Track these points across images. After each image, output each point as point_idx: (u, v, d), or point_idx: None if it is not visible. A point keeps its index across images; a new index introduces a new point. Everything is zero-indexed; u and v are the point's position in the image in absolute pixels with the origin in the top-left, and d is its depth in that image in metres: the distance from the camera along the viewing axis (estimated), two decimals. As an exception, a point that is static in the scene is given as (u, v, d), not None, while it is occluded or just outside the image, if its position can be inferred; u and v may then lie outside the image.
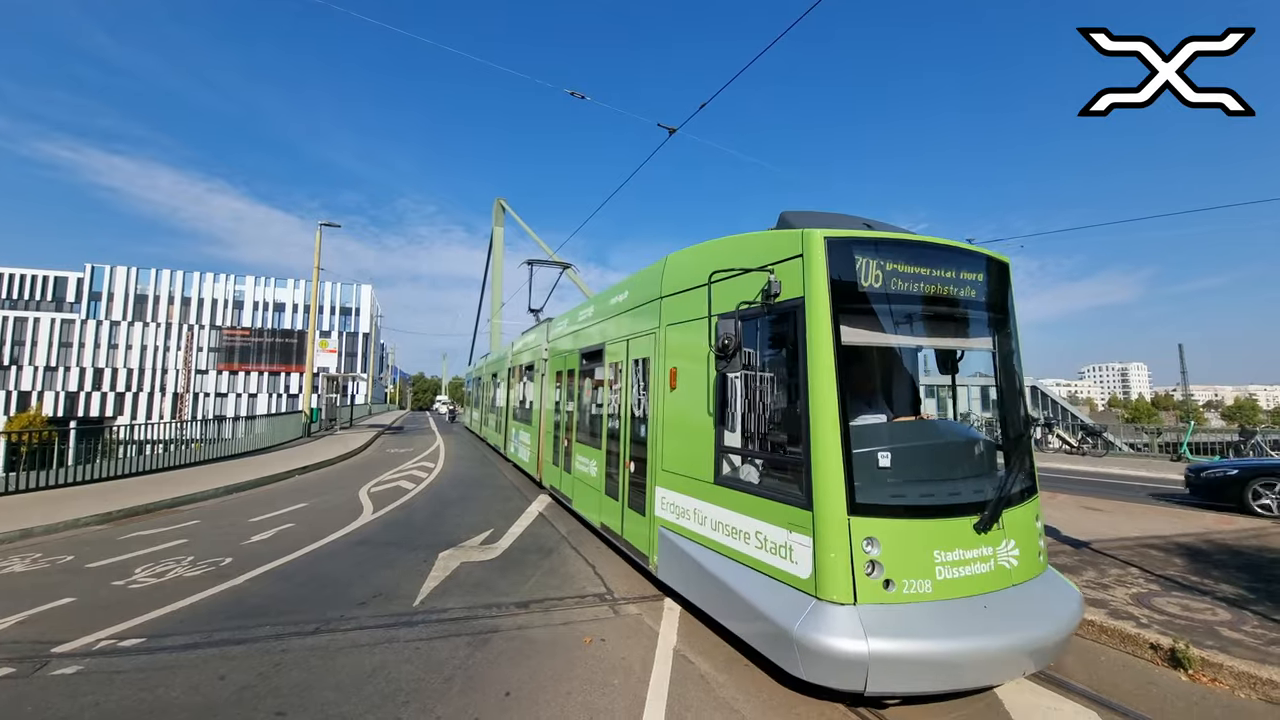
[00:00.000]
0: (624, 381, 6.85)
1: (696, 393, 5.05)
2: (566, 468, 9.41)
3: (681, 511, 5.18)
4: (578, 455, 8.78)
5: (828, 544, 3.56)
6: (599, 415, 7.91)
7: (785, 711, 3.74)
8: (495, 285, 36.49)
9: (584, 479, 8.37)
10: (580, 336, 9.07)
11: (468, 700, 3.75)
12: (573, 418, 9.30)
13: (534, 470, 12.39)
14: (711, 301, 4.55)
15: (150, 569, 6.30)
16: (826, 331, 3.76)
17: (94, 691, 3.75)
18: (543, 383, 11.82)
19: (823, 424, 3.68)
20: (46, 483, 10.58)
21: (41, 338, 66.77)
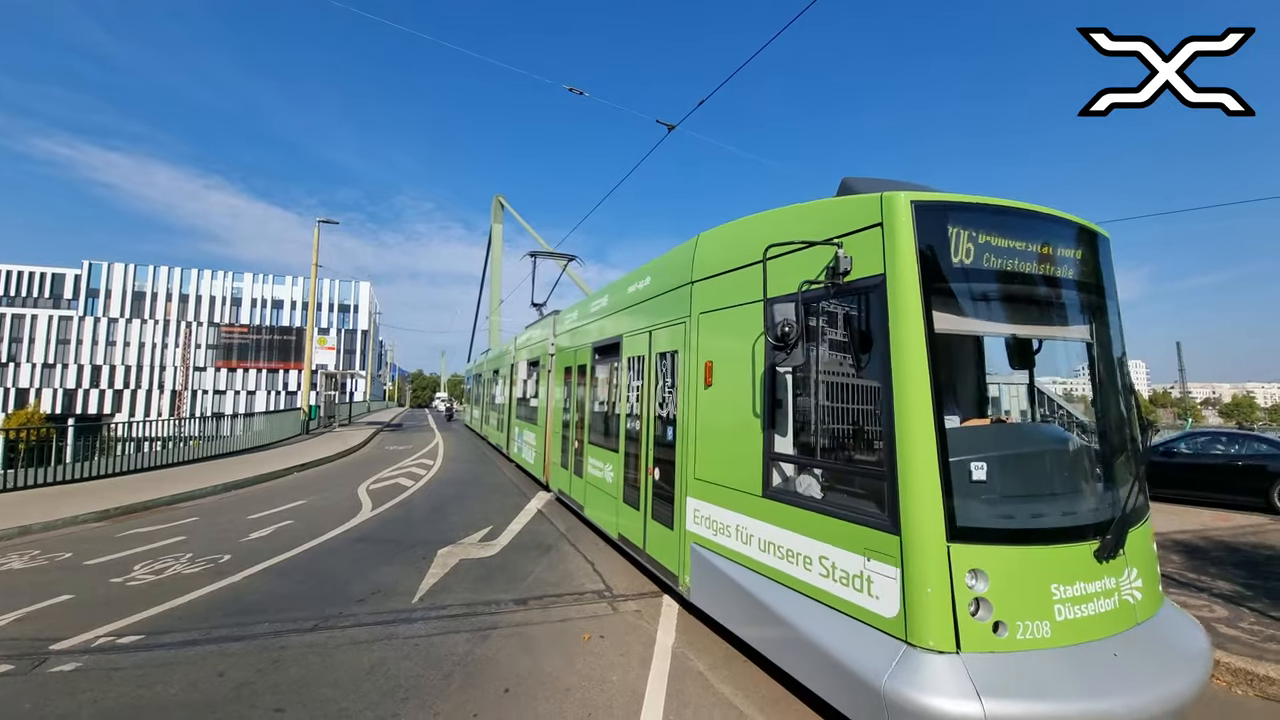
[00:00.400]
0: (645, 377, 6.22)
1: (739, 390, 4.39)
2: (577, 471, 8.75)
3: (720, 527, 4.52)
4: (590, 458, 8.09)
5: (922, 577, 2.93)
6: (615, 415, 7.21)
7: (783, 708, 3.75)
8: (494, 282, 36.42)
9: (598, 485, 7.70)
10: (593, 329, 8.39)
11: (466, 697, 3.75)
12: (584, 417, 8.59)
13: (540, 472, 11.74)
14: (767, 282, 3.69)
15: (149, 566, 6.30)
16: (916, 316, 3.14)
17: (92, 688, 3.75)
18: (549, 379, 11.22)
19: (913, 428, 3.05)
20: (44, 480, 10.56)
21: (39, 335, 66.67)
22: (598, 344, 8.02)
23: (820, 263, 3.68)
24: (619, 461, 6.94)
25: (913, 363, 3.10)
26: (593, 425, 8.23)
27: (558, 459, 10.17)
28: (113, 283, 69.33)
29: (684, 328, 5.36)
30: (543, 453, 11.51)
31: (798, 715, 3.67)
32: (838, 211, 3.73)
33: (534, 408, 12.79)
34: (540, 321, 13.18)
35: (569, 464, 9.28)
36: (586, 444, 8.34)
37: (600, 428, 7.91)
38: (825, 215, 3.82)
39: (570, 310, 10.32)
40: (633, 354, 6.68)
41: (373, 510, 9.56)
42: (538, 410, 12.24)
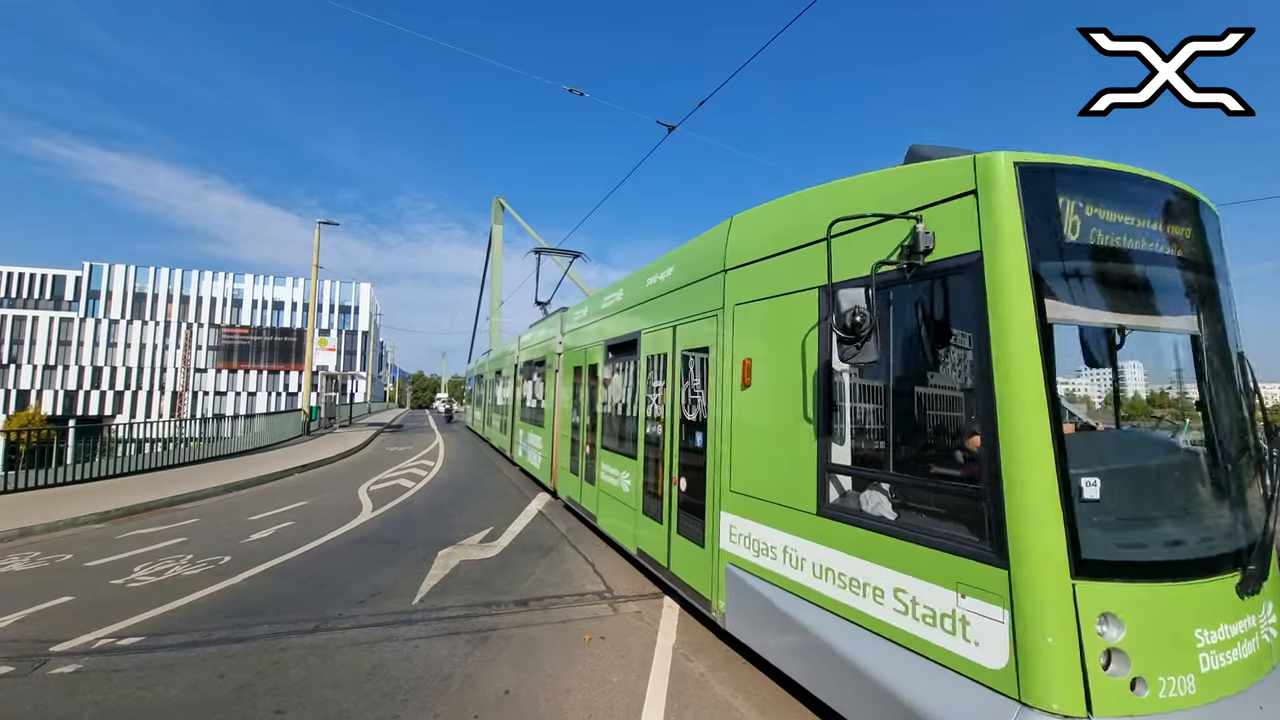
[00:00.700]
0: (668, 377, 5.68)
1: (785, 390, 3.86)
2: (588, 477, 8.21)
3: (763, 548, 4.00)
4: (604, 465, 7.52)
5: (1040, 621, 2.41)
6: (633, 418, 6.64)
7: (783, 710, 3.75)
8: (494, 283, 36.45)
9: (613, 493, 7.15)
10: (606, 325, 7.80)
11: (467, 698, 3.75)
12: (597, 420, 7.97)
13: (546, 478, 11.13)
14: (832, 264, 3.11)
15: (149, 568, 6.30)
16: (1025, 301, 2.61)
17: (93, 690, 3.75)
18: (556, 380, 10.56)
19: (1025, 435, 2.51)
20: (45, 481, 10.57)
21: (40, 336, 66.69)
22: (612, 342, 7.48)
23: (892, 241, 3.16)
24: (637, 469, 6.40)
25: (1023, 357, 2.57)
26: (606, 429, 7.67)
27: (566, 464, 9.56)
28: (113, 284, 69.36)
29: (715, 321, 4.81)
30: (550, 457, 10.90)
31: (798, 717, 3.66)
32: (916, 180, 3.17)
33: (540, 409, 12.18)
34: (546, 319, 12.55)
35: (579, 470, 8.73)
36: (599, 449, 7.77)
37: (615, 432, 7.35)
38: (898, 185, 3.28)
39: (579, 307, 9.68)
40: (653, 352, 6.14)
41: (373, 511, 9.56)
42: (544, 412, 11.68)
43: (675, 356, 5.59)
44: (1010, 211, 2.69)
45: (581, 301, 9.81)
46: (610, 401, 7.57)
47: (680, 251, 5.94)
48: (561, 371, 10.27)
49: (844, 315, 2.94)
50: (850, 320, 2.92)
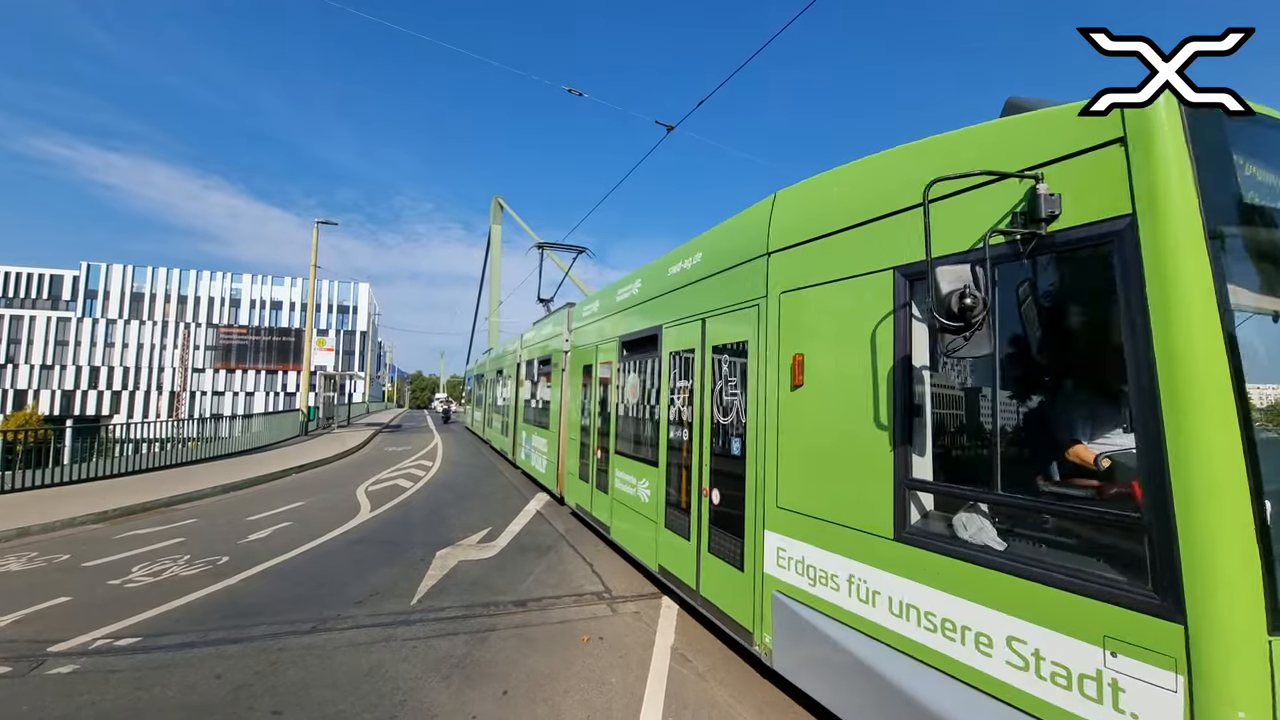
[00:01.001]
0: (697, 376, 5.09)
1: (850, 390, 3.30)
2: (600, 485, 7.63)
3: (821, 575, 3.44)
4: (619, 472, 6.92)
5: (1228, 691, 1.89)
6: (653, 421, 6.06)
7: (781, 711, 3.74)
8: (493, 283, 36.42)
9: (629, 504, 6.54)
10: (621, 320, 7.19)
11: (465, 699, 3.74)
12: (610, 423, 7.36)
13: (552, 483, 10.47)
14: (929, 236, 2.58)
15: (146, 568, 6.29)
16: (1204, 281, 2.06)
17: (90, 691, 3.74)
18: (563, 379, 9.95)
19: (1209, 454, 1.97)
20: (43, 481, 10.54)
21: (37, 336, 66.53)
22: (627, 338, 6.87)
23: (998, 208, 2.63)
24: (658, 478, 5.83)
25: (1206, 352, 2.02)
26: (621, 433, 7.04)
27: (575, 469, 8.92)
28: (111, 284, 69.21)
29: (756, 312, 4.23)
30: (556, 462, 10.23)
31: (795, 718, 3.66)
32: (1032, 130, 2.60)
33: (544, 411, 11.57)
34: (552, 316, 11.84)
35: (589, 476, 8.11)
36: (613, 455, 7.16)
37: (631, 436, 6.74)
38: (1006, 138, 2.71)
39: (589, 302, 9.00)
40: (677, 348, 5.56)
41: (371, 512, 9.55)
42: (549, 414, 11.03)
43: (705, 353, 4.99)
44: (1179, 166, 2.13)
45: (590, 296, 9.19)
46: (625, 403, 6.96)
47: (710, 236, 5.26)
48: (568, 371, 9.68)
49: (947, 298, 2.39)
50: (956, 304, 2.37)
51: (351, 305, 78.74)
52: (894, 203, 3.14)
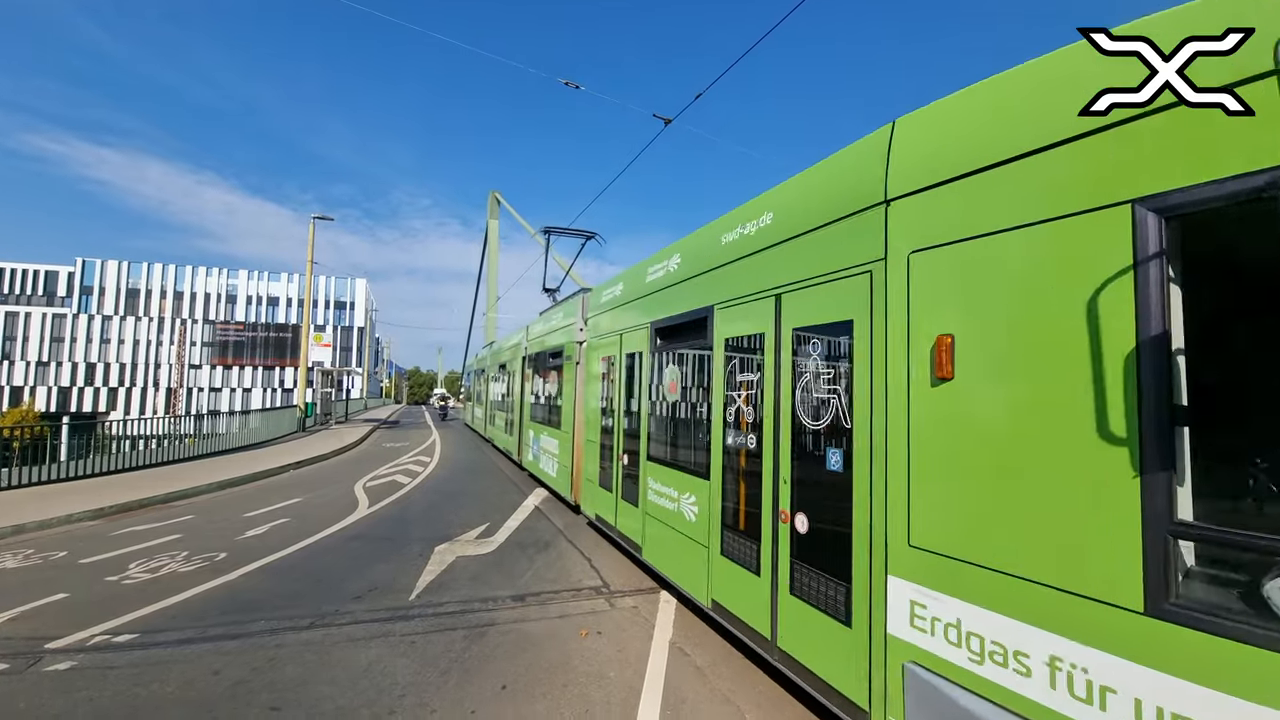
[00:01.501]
0: (768, 367, 4.02)
1: (1047, 386, 2.36)
2: (628, 496, 6.56)
3: (996, 651, 2.44)
4: (654, 482, 5.84)
5: None
6: (703, 423, 4.99)
7: (780, 705, 3.76)
8: (490, 278, 36.37)
9: (668, 521, 5.48)
10: (654, 303, 6.11)
11: (464, 693, 3.75)
12: (641, 424, 6.26)
13: (566, 489, 9.35)
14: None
15: (144, 564, 6.28)
16: None
17: (88, 687, 3.73)
18: (578, 374, 8.91)
19: None
20: (39, 479, 10.51)
21: (33, 333, 66.30)
22: (663, 323, 5.87)
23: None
24: (709, 493, 4.76)
25: None
26: (656, 436, 5.97)
27: (593, 475, 7.89)
28: (106, 280, 68.92)
29: (868, 281, 3.24)
30: (570, 466, 9.13)
31: (793, 711, 3.68)
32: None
33: (555, 409, 10.38)
34: (563, 303, 10.81)
35: (613, 485, 7.06)
36: (646, 462, 6.08)
37: (670, 440, 5.72)
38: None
39: (608, 285, 7.89)
40: (737, 332, 4.47)
41: (369, 508, 9.54)
42: (561, 412, 9.85)
43: (780, 338, 3.94)
44: None
45: (611, 279, 7.90)
46: (662, 401, 5.90)
47: (784, 191, 4.18)
48: (585, 364, 8.66)
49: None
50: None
51: (349, 301, 78.53)
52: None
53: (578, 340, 8.95)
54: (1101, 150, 2.25)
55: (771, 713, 3.67)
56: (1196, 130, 2.00)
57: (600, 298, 8.12)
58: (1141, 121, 2.16)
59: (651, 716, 3.56)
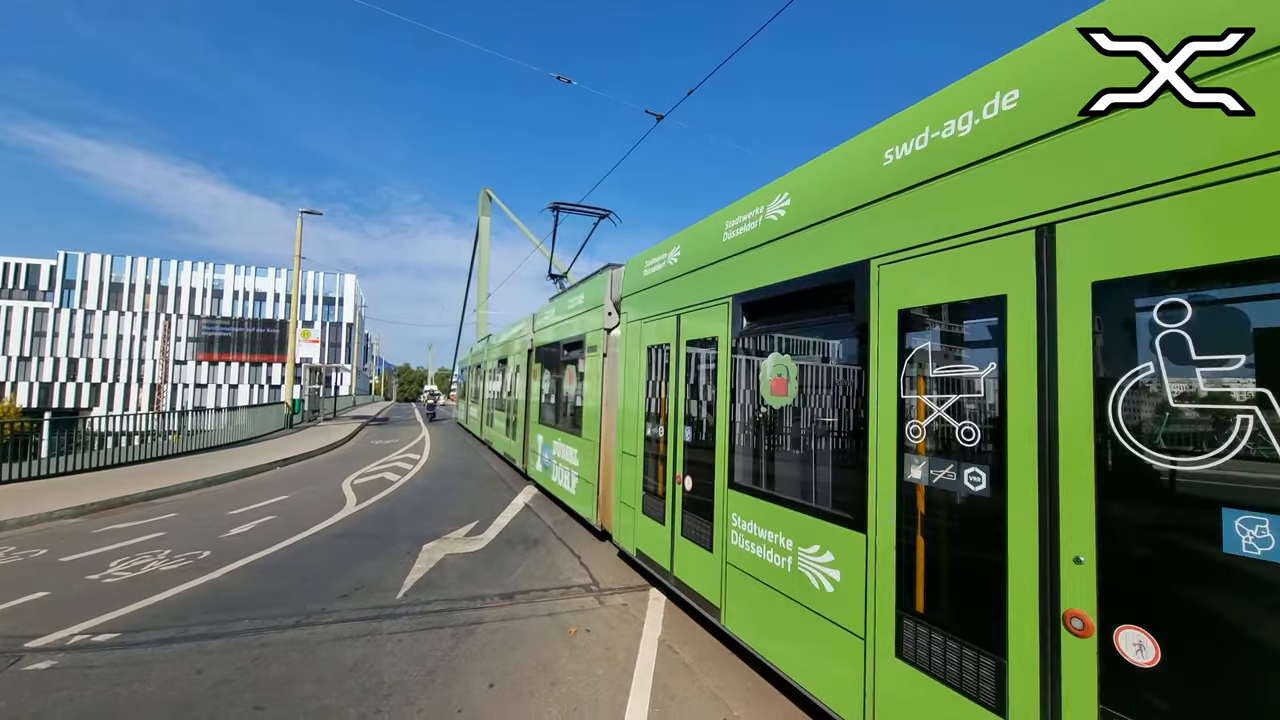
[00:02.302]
0: (1022, 350, 2.41)
1: None
2: (695, 536, 4.82)
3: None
4: (744, 522, 4.14)
5: None
6: (845, 441, 3.49)
7: (768, 701, 3.77)
8: (482, 275, 36.17)
9: (776, 582, 3.76)
10: (739, 267, 4.42)
11: (451, 692, 3.73)
12: (720, 437, 4.54)
13: (590, 511, 7.57)
14: None
15: (126, 562, 6.19)
16: None
17: (68, 687, 3.67)
18: (606, 368, 7.33)
19: None
20: (19, 475, 10.33)
21: (14, 327, 65.23)
22: (756, 296, 4.19)
23: None
24: (870, 555, 3.06)
25: None
26: (748, 454, 4.41)
27: (632, 498, 6.21)
28: (89, 274, 67.91)
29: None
30: (595, 482, 7.45)
31: (781, 708, 3.69)
32: None
33: (575, 411, 8.62)
34: (584, 284, 8.97)
35: (668, 517, 5.36)
36: (728, 490, 4.36)
37: (775, 462, 4.22)
38: None
39: (654, 253, 6.09)
40: (930, 298, 2.88)
41: (357, 505, 9.47)
42: (583, 414, 8.11)
43: (1052, 300, 2.32)
44: None
45: (658, 245, 6.10)
46: (759, 404, 4.26)
47: (1020, 56, 2.61)
48: (618, 355, 6.97)
49: None
50: None
51: (337, 297, 77.91)
52: None
53: (605, 328, 7.47)
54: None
55: (760, 709, 3.68)
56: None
57: (641, 271, 6.33)
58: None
59: (640, 714, 3.56)
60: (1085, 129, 2.35)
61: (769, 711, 3.66)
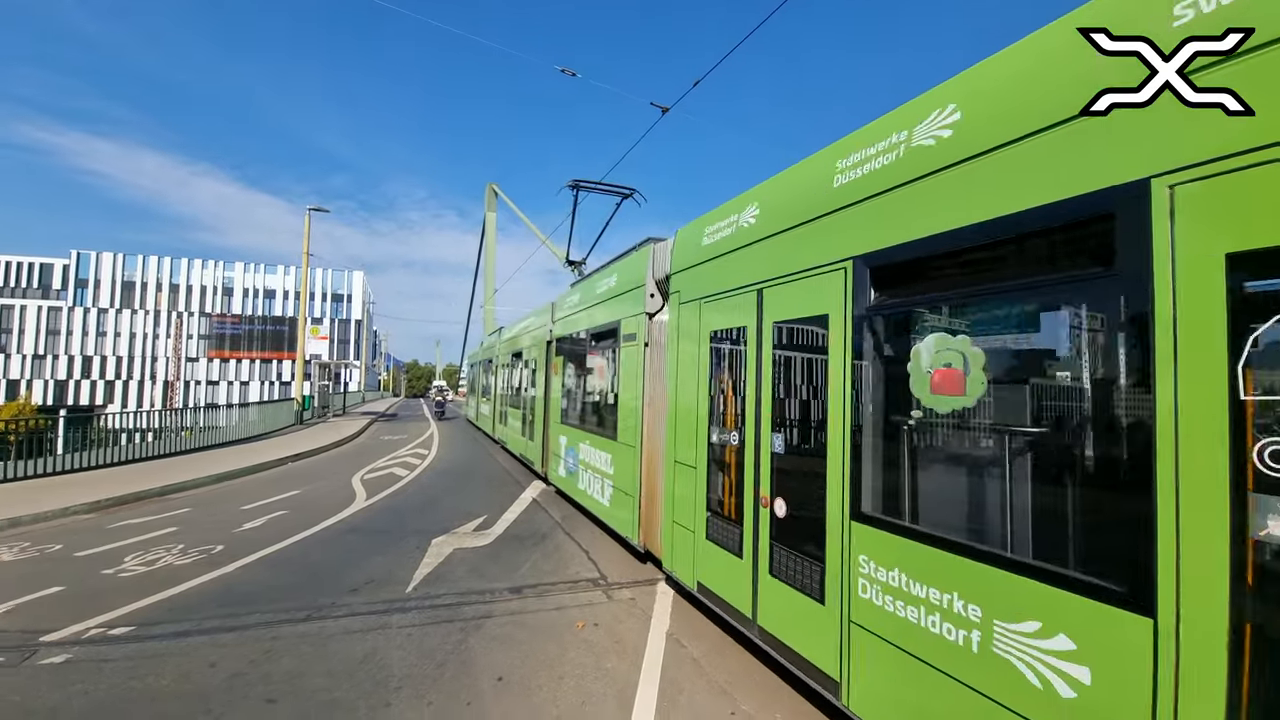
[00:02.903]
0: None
1: None
2: (799, 581, 3.63)
3: None
4: (890, 573, 2.93)
5: None
6: (1104, 470, 2.30)
7: (776, 694, 3.76)
8: (488, 271, 36.25)
9: (938, 658, 2.65)
10: (866, 218, 3.26)
11: (460, 685, 3.75)
12: (839, 448, 3.31)
13: (629, 528, 6.40)
14: None
15: (140, 557, 6.26)
16: None
17: (83, 680, 3.72)
18: (650, 360, 6.22)
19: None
20: (35, 471, 10.48)
21: (29, 325, 66.06)
22: (896, 257, 3.06)
23: None
24: (1147, 646, 1.92)
25: None
26: (890, 474, 3.13)
27: (687, 518, 5.06)
28: (101, 272, 68.61)
29: None
30: (636, 495, 6.23)
31: (790, 701, 3.68)
32: None
33: (609, 409, 7.40)
34: (618, 262, 7.74)
35: (744, 544, 4.21)
36: (861, 527, 3.14)
37: (914, 481, 3.14)
38: None
39: (709, 221, 5.03)
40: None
41: (366, 500, 9.53)
42: (619, 414, 6.89)
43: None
44: None
45: (725, 204, 4.89)
46: (908, 408, 3.06)
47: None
48: (665, 345, 5.82)
49: None
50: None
51: (346, 293, 78.35)
52: None
53: (646, 312, 6.32)
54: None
55: (767, 702, 3.67)
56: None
57: (698, 240, 5.16)
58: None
59: (648, 708, 3.56)
60: None
61: (777, 705, 3.65)
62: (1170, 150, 1.99)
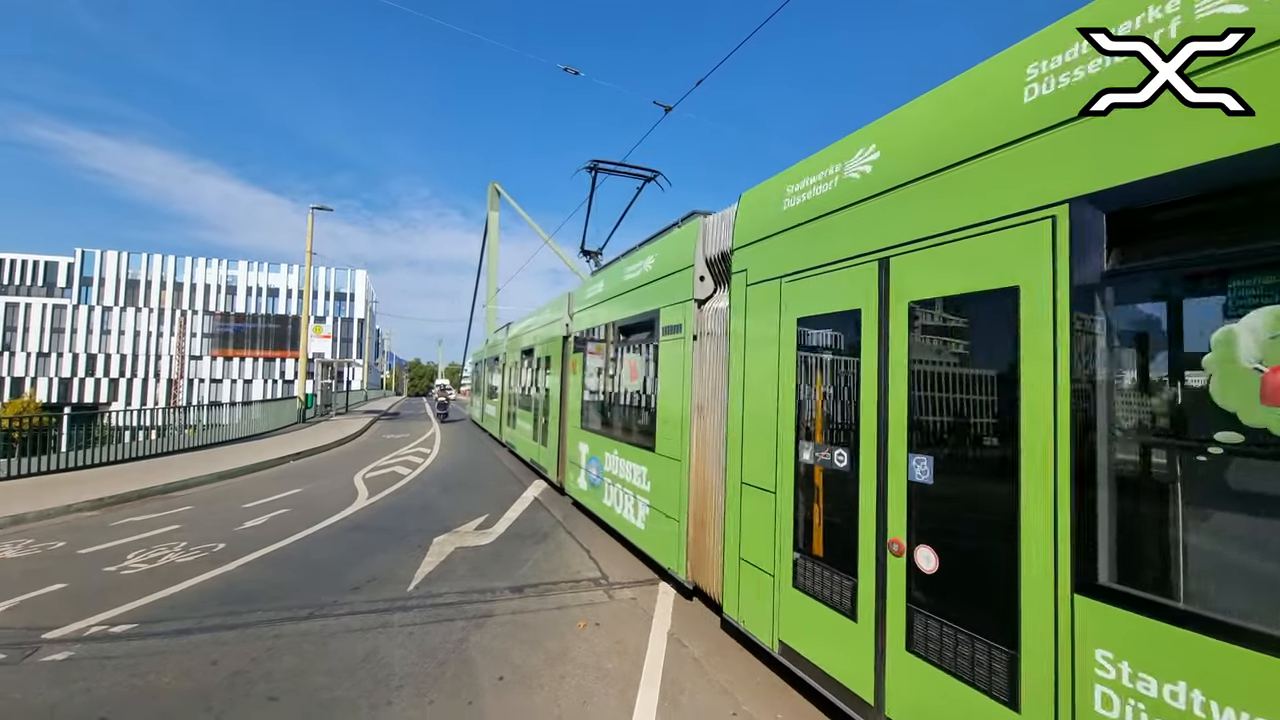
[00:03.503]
0: None
1: None
2: (943, 658, 2.62)
3: None
4: (1145, 677, 1.89)
5: None
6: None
7: (778, 695, 3.75)
8: (491, 270, 36.27)
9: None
10: (1091, 146, 2.27)
11: (461, 684, 3.74)
12: (1030, 490, 2.32)
13: (673, 557, 5.41)
14: None
15: (143, 555, 6.27)
16: None
17: (85, 678, 3.73)
18: (697, 357, 5.27)
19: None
20: (39, 469, 10.51)
21: (33, 323, 66.32)
22: (1173, 191, 2.00)
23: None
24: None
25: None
26: (1164, 522, 2.06)
27: (761, 557, 4.05)
28: (106, 271, 68.83)
29: None
30: (682, 518, 5.25)
31: (791, 702, 3.67)
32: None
33: (646, 414, 6.35)
34: (653, 242, 6.65)
35: (858, 603, 3.15)
36: (1070, 595, 2.14)
37: (1231, 547, 1.98)
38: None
39: (791, 178, 4.01)
40: None
41: (368, 498, 9.54)
42: (658, 420, 5.87)
43: None
44: None
45: (795, 167, 4.02)
46: (1191, 427, 2.07)
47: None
48: (723, 337, 4.81)
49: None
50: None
51: (349, 292, 78.46)
52: None
53: (696, 298, 5.29)
54: None
55: (769, 703, 3.66)
56: None
57: (777, 204, 4.11)
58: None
59: (649, 708, 3.55)
60: None
61: (778, 705, 3.63)
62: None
